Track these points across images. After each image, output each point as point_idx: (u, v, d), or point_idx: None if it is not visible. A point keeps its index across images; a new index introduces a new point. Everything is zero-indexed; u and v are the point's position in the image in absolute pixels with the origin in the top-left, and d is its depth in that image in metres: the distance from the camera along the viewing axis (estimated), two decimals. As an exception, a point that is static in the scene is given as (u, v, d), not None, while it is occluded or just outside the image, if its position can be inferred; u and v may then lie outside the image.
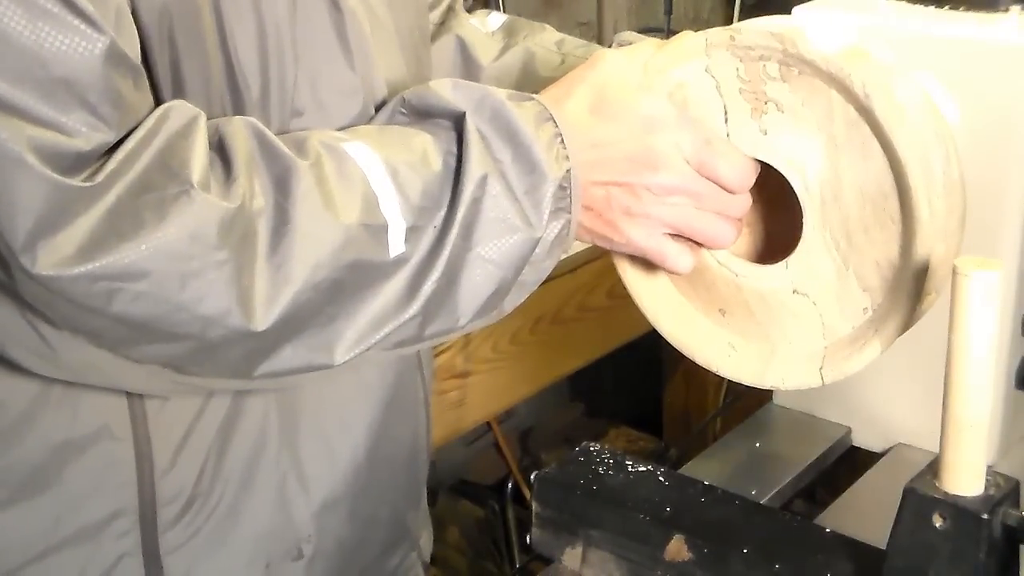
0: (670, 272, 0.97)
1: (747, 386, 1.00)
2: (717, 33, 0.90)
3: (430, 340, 0.89)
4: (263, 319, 0.79)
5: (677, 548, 0.92)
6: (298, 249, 0.80)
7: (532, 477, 1.01)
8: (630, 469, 1.00)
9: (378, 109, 0.94)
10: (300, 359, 0.83)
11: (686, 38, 0.92)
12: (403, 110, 0.90)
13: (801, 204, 0.91)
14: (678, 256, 0.93)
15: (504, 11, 2.22)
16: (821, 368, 0.93)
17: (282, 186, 0.80)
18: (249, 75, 0.87)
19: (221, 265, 0.77)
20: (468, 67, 1.21)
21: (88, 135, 0.75)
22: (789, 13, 1.08)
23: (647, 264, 0.98)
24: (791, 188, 0.91)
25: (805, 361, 0.94)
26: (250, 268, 0.78)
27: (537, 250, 0.88)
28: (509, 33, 1.23)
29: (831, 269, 0.91)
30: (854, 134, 0.87)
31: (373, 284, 0.83)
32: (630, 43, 1.19)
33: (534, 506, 1.00)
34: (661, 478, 0.99)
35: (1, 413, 0.92)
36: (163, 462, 0.95)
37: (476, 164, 0.85)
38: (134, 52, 0.80)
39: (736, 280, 0.96)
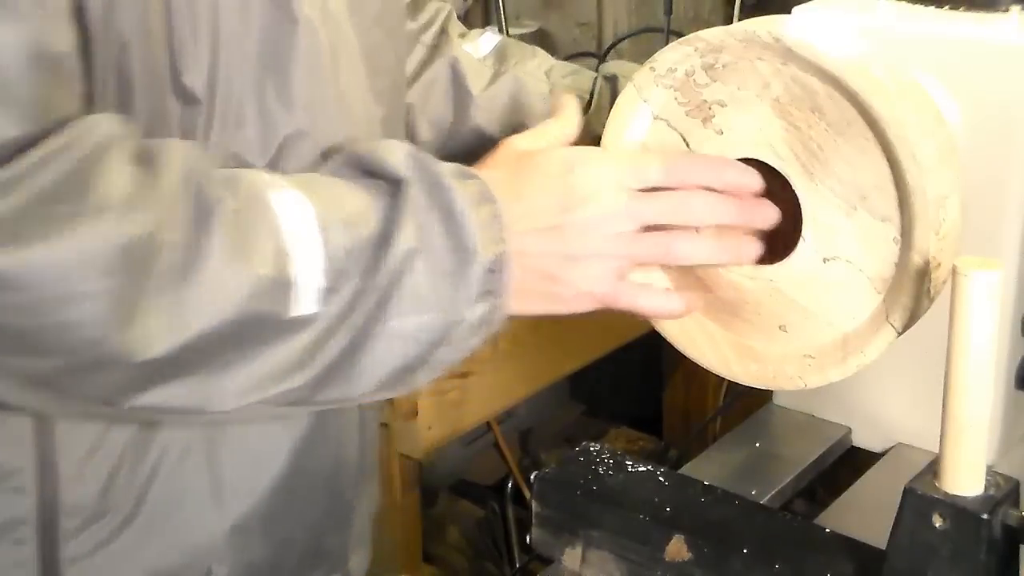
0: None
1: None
2: (639, 74, 0.94)
3: (322, 405, 0.86)
4: (145, 352, 0.75)
5: (677, 548, 0.92)
6: (203, 290, 0.76)
7: (532, 477, 1.01)
8: (630, 469, 1.00)
9: (329, 125, 0.93)
10: (180, 399, 0.80)
11: (620, 97, 0.95)
12: (346, 163, 0.88)
13: (784, 175, 0.91)
14: (652, 297, 0.92)
15: (504, 12, 2.23)
16: (888, 319, 0.91)
17: (200, 223, 0.77)
18: (196, 81, 0.85)
19: (111, 291, 0.74)
20: (459, 95, 1.21)
21: None
22: (789, 13, 1.08)
23: (697, 324, 0.98)
24: (776, 176, 0.91)
25: (873, 324, 0.92)
26: (145, 299, 0.75)
27: (457, 331, 0.85)
28: (500, 59, 1.23)
29: (841, 215, 0.90)
30: (793, 87, 0.88)
31: (273, 339, 0.80)
32: (614, 75, 1.21)
33: (534, 506, 1.00)
34: (661, 478, 1.00)
35: None
36: (69, 470, 0.91)
37: (406, 236, 0.82)
38: (62, 43, 0.77)
39: (774, 286, 0.95)
